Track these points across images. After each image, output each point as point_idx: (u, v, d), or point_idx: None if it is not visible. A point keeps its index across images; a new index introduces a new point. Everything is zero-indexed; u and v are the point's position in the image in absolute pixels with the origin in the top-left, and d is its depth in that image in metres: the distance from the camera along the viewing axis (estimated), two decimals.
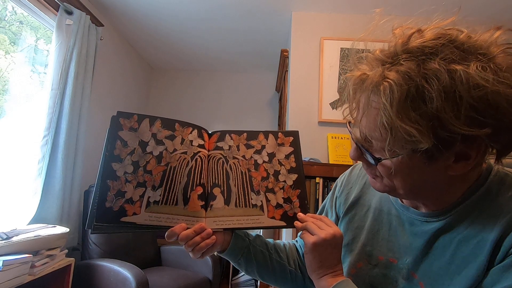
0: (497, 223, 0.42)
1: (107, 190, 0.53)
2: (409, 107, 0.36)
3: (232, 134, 0.64)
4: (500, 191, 0.44)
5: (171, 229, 0.54)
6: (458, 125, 0.35)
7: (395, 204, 0.57)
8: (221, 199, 0.60)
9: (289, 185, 0.62)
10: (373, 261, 0.56)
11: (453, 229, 0.47)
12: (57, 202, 1.84)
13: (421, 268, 0.50)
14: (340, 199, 0.68)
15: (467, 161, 0.40)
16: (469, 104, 0.35)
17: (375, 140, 0.43)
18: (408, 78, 0.36)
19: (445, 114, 0.35)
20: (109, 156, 0.54)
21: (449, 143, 0.37)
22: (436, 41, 0.38)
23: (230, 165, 0.62)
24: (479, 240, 0.43)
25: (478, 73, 0.35)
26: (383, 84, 0.38)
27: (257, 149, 0.64)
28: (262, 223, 0.60)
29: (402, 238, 0.54)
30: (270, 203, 0.61)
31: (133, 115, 0.57)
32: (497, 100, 0.35)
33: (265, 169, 0.63)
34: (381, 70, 0.39)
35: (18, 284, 1.32)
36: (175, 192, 0.57)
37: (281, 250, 0.70)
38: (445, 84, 0.35)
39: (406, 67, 0.37)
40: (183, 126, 0.60)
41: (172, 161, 0.58)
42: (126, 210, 0.53)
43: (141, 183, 0.55)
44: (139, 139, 0.57)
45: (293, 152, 0.65)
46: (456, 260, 0.45)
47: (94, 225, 0.51)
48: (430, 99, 0.35)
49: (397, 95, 0.36)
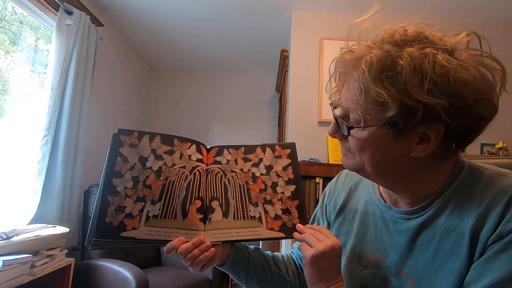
0: (471, 215, 0.45)
1: (107, 205, 0.53)
2: (383, 75, 0.43)
3: (230, 149, 0.65)
4: (472, 184, 0.48)
5: (170, 243, 0.55)
6: (420, 94, 0.41)
7: (379, 205, 0.59)
8: (219, 212, 0.60)
9: (287, 196, 0.63)
10: (363, 262, 0.58)
11: (433, 224, 0.49)
12: (57, 202, 1.84)
13: (407, 265, 0.51)
14: (330, 206, 0.70)
15: (428, 143, 0.44)
16: (432, 79, 0.41)
17: (351, 113, 0.48)
18: (387, 54, 0.43)
19: (411, 84, 0.41)
20: (109, 172, 0.55)
21: (412, 114, 0.42)
22: (415, 36, 0.45)
23: (228, 179, 0.63)
24: (458, 233, 0.46)
25: (444, 57, 0.42)
26: (365, 57, 0.45)
27: (254, 162, 0.64)
28: (260, 235, 0.60)
29: (388, 237, 0.56)
30: (268, 214, 0.61)
31: (134, 132, 0.59)
32: (455, 80, 0.41)
33: (263, 181, 0.63)
34: (367, 48, 0.47)
35: (18, 284, 1.32)
36: (174, 206, 0.57)
37: (279, 262, 0.71)
38: (415, 60, 0.42)
39: (387, 48, 0.44)
40: (181, 142, 0.61)
41: (171, 175, 0.58)
42: (125, 225, 0.54)
43: (140, 198, 0.56)
44: (139, 154, 0.58)
45: (290, 164, 0.65)
46: (439, 254, 0.47)
47: (94, 241, 0.52)
48: (401, 70, 0.42)
49: (375, 65, 0.43)
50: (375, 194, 0.61)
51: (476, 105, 0.42)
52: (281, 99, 2.87)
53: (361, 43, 0.49)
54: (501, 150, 2.01)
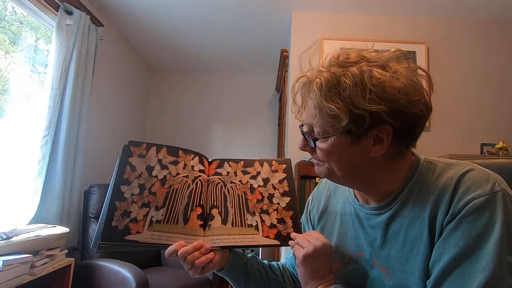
0: (428, 203, 0.52)
1: (114, 210, 0.57)
2: (332, 93, 0.51)
3: (230, 162, 0.70)
4: (427, 176, 0.54)
5: (171, 247, 0.58)
6: (363, 103, 0.49)
7: (354, 204, 0.64)
8: (218, 219, 0.64)
9: (282, 207, 0.67)
10: (345, 259, 0.63)
11: (400, 215, 0.55)
12: (57, 202, 1.84)
13: (380, 255, 0.57)
14: (313, 212, 0.76)
15: (382, 144, 0.52)
16: (371, 90, 0.49)
17: (314, 127, 0.55)
18: (334, 76, 0.52)
19: (355, 96, 0.49)
20: (118, 180, 0.60)
21: (361, 120, 0.50)
22: (356, 57, 0.54)
23: (228, 189, 0.67)
24: (421, 220, 0.52)
25: (378, 71, 0.50)
26: (315, 80, 0.53)
27: (252, 175, 0.70)
28: (257, 242, 0.64)
29: (363, 233, 0.61)
30: (264, 223, 0.65)
31: (142, 144, 0.64)
32: (389, 88, 0.49)
33: (260, 192, 0.68)
34: (318, 72, 0.54)
35: (18, 284, 1.32)
36: (176, 212, 0.61)
37: (275, 269, 0.76)
38: (356, 77, 0.50)
39: (334, 70, 0.53)
40: (186, 153, 0.66)
41: (175, 184, 0.63)
42: (130, 229, 0.57)
43: (145, 204, 0.60)
44: (146, 164, 0.62)
45: (286, 178, 0.71)
46: (407, 241, 0.53)
47: (100, 243, 0.55)
48: (345, 86, 0.50)
49: (324, 85, 0.51)
50: (351, 195, 0.67)
51: (409, 105, 0.50)
52: (281, 99, 2.87)
53: (313, 69, 0.57)
54: (501, 150, 2.01)
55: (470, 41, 2.28)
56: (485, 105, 2.20)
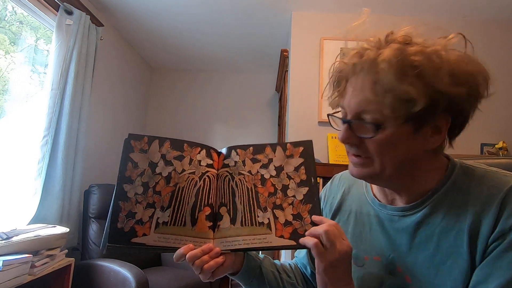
0: (468, 213, 0.47)
1: (118, 211, 0.54)
2: (405, 72, 0.44)
3: (238, 150, 0.61)
4: (464, 182, 0.50)
5: (179, 250, 0.54)
6: (443, 85, 0.43)
7: (373, 205, 0.59)
8: (227, 219, 0.58)
9: (299, 199, 0.57)
10: (359, 262, 0.58)
11: (430, 221, 0.50)
12: (57, 202, 1.84)
13: (405, 262, 0.52)
14: (325, 210, 0.70)
15: (439, 134, 0.48)
16: (449, 71, 0.44)
17: (368, 114, 0.47)
18: (400, 52, 0.44)
19: (432, 77, 0.43)
20: (120, 178, 0.55)
21: (435, 106, 0.44)
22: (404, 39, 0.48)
23: (236, 182, 0.60)
24: (457, 231, 0.47)
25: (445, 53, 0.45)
26: (379, 57, 0.45)
27: (263, 163, 0.60)
28: (270, 243, 0.55)
29: (384, 236, 0.56)
30: (278, 220, 0.57)
31: (143, 137, 0.58)
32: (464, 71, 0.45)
33: (272, 184, 0.59)
34: (374, 50, 0.47)
35: (18, 284, 1.32)
36: (183, 213, 0.57)
37: (288, 270, 0.70)
38: (429, 56, 0.44)
39: (395, 47, 0.45)
40: (191, 147, 0.60)
41: (181, 182, 0.58)
42: (136, 231, 0.54)
43: (150, 204, 0.56)
44: (149, 160, 0.57)
45: (303, 164, 0.60)
46: (439, 252, 0.48)
47: (107, 246, 0.53)
48: (421, 66, 0.43)
49: (394, 63, 0.44)
50: (369, 194, 0.61)
51: (484, 92, 0.46)
52: (281, 99, 2.87)
53: (363, 47, 0.49)
54: (501, 150, 2.01)
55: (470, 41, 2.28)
56: (485, 105, 2.20)
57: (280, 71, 2.77)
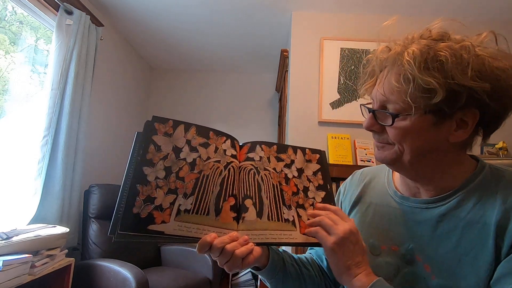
0: (495, 209, 0.48)
1: (136, 195, 0.49)
2: (428, 65, 0.46)
3: (263, 145, 0.62)
4: (493, 181, 0.51)
5: (203, 238, 0.50)
6: (465, 79, 0.45)
7: (394, 197, 0.61)
8: (253, 211, 0.56)
9: (318, 202, 0.62)
10: (376, 251, 0.60)
11: (454, 214, 0.51)
12: (57, 202, 1.84)
13: (425, 252, 0.53)
14: (345, 202, 0.73)
15: (465, 129, 0.49)
16: (473, 66, 0.45)
17: (391, 104, 0.51)
18: (427, 48, 0.47)
19: (455, 71, 0.45)
20: (141, 160, 0.52)
21: (457, 98, 0.46)
22: (442, 34, 0.51)
23: (262, 177, 0.59)
24: (482, 224, 0.48)
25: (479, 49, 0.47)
26: (406, 51, 0.49)
27: (286, 163, 0.63)
28: (295, 239, 0.57)
29: (404, 227, 0.57)
30: (301, 218, 0.59)
31: (168, 121, 0.55)
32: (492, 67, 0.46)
33: (295, 184, 0.62)
34: (403, 45, 0.51)
35: (18, 284, 1.32)
36: (207, 202, 0.54)
37: (306, 263, 0.70)
38: (456, 51, 0.46)
39: (423, 43, 0.48)
40: (217, 135, 0.59)
41: (205, 169, 0.55)
42: (154, 218, 0.49)
43: (172, 190, 0.52)
44: (173, 144, 0.55)
45: (320, 170, 0.65)
46: (462, 243, 0.49)
47: (118, 232, 0.47)
48: (445, 60, 0.46)
49: (419, 56, 0.47)
50: (390, 187, 0.63)
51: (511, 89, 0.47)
52: (281, 99, 2.87)
53: (394, 42, 0.53)
54: (501, 150, 2.01)
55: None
56: None
57: (280, 71, 2.77)
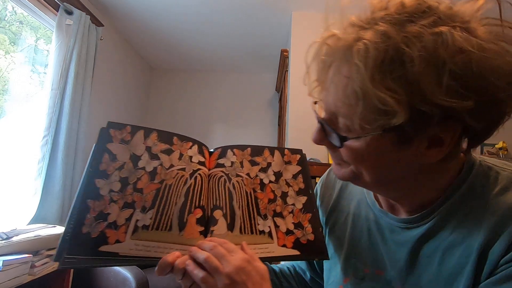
0: (482, 228, 0.37)
1: (86, 212, 0.42)
2: (385, 71, 0.32)
3: (235, 149, 0.56)
4: (484, 187, 0.39)
5: (163, 258, 0.44)
6: (439, 94, 0.30)
7: (373, 209, 0.51)
8: (223, 224, 0.50)
9: (298, 208, 0.55)
10: (359, 274, 0.50)
11: (437, 235, 0.41)
12: (57, 202, 1.84)
13: (408, 281, 0.43)
14: (322, 207, 0.61)
15: (441, 147, 0.35)
16: (452, 71, 0.30)
17: (341, 117, 0.38)
18: (387, 38, 0.32)
19: (425, 80, 0.30)
20: (93, 172, 0.45)
21: (425, 120, 0.32)
22: (416, 8, 0.33)
23: (233, 184, 0.53)
24: (464, 247, 0.38)
25: (463, 36, 0.31)
26: (357, 44, 0.33)
27: (262, 166, 0.56)
28: (272, 253, 0.50)
29: (384, 247, 0.47)
30: (279, 229, 0.52)
31: (126, 126, 0.48)
32: (483, 69, 0.31)
33: (271, 190, 0.55)
34: (355, 30, 0.35)
35: (18, 284, 1.32)
36: (169, 215, 0.47)
37: (288, 276, 0.64)
38: (428, 46, 0.31)
39: (384, 28, 0.32)
40: (182, 140, 0.52)
41: (168, 178, 0.49)
42: (107, 237, 0.43)
43: (129, 204, 0.45)
44: (130, 152, 0.48)
45: (301, 172, 0.58)
46: (444, 271, 0.40)
47: (65, 257, 0.39)
48: (410, 61, 0.31)
49: (372, 55, 0.32)
50: (369, 195, 0.52)
51: (509, 99, 0.32)
52: (281, 99, 2.87)
53: (345, 22, 0.37)
54: (501, 150, 2.01)
55: None
56: None
57: (280, 71, 2.77)
